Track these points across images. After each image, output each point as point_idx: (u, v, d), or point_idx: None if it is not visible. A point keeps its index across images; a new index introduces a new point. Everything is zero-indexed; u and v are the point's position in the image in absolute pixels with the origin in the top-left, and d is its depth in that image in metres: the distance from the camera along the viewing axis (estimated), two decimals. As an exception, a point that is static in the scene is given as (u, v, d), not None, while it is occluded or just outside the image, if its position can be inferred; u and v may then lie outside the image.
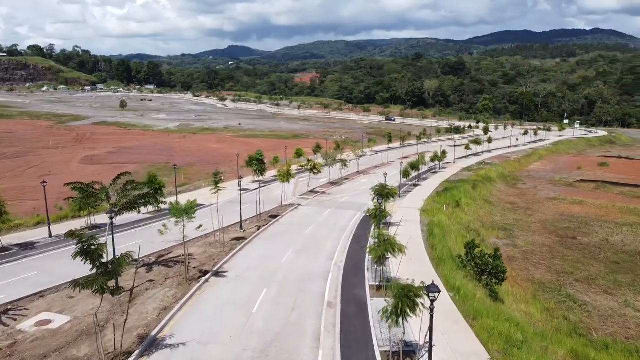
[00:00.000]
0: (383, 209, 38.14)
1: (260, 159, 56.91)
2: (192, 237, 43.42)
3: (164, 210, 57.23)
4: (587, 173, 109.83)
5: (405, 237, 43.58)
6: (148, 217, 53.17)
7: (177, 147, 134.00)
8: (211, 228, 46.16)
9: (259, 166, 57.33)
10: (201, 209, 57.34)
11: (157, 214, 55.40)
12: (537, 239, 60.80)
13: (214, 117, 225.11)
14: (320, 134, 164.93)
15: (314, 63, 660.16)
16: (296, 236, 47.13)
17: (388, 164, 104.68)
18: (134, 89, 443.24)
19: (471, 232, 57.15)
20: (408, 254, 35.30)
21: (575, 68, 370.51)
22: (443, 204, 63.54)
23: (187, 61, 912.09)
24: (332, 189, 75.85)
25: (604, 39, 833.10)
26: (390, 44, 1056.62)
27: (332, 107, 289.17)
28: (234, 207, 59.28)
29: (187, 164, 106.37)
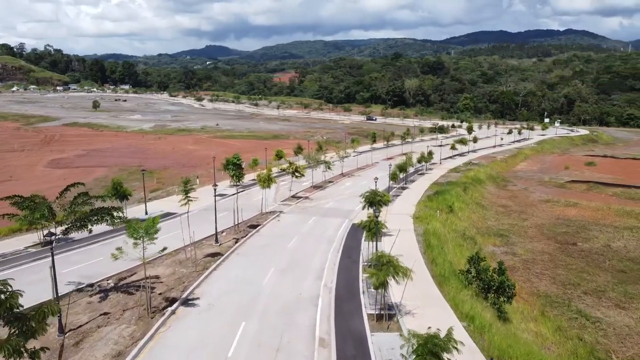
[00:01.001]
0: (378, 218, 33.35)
1: (238, 163, 51.28)
2: (160, 255, 38.12)
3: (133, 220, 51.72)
4: (575, 173, 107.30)
5: (401, 250, 39.14)
6: (111, 228, 47.54)
7: (151, 149, 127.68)
8: (182, 242, 40.79)
9: (236, 171, 51.72)
10: (172, 219, 52.07)
11: (124, 224, 49.73)
12: (536, 245, 56.98)
13: (190, 118, 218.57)
14: (301, 134, 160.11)
15: (293, 63, 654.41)
16: (279, 250, 42.07)
17: (372, 165, 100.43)
18: (108, 89, 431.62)
19: (467, 240, 52.99)
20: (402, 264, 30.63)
21: (552, 67, 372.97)
22: (435, 209, 59.27)
23: (164, 61, 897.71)
24: (316, 193, 71.04)
25: (577, 39, 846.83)
26: (368, 44, 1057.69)
27: (312, 106, 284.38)
28: (209, 216, 53.97)
29: (161, 167, 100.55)
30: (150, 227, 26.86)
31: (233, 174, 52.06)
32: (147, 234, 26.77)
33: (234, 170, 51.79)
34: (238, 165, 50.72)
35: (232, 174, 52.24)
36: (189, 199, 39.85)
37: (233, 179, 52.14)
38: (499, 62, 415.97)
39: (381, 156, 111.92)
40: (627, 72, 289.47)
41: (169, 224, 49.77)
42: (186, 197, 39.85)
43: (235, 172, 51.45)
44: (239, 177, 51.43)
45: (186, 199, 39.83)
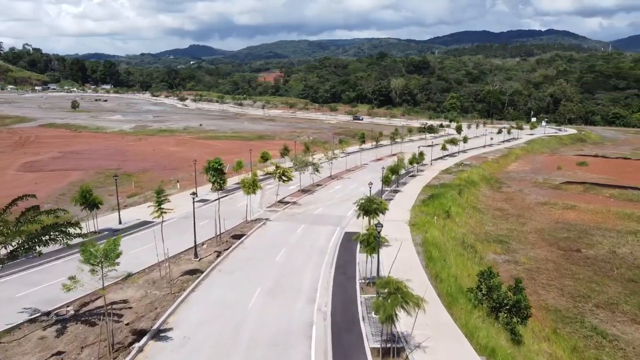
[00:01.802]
0: (380, 234, 29.30)
1: (219, 168, 46.57)
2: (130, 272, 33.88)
3: (103, 231, 47.15)
4: (568, 173, 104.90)
5: (401, 263, 35.39)
6: (80, 241, 43.02)
7: (131, 150, 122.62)
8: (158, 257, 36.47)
9: (217, 177, 47.06)
10: (148, 229, 47.66)
11: (94, 236, 45.21)
12: (539, 252, 53.75)
13: (173, 118, 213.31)
14: (287, 135, 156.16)
15: (278, 62, 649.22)
16: (265, 265, 37.93)
17: (362, 167, 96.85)
18: (89, 89, 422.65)
19: (467, 248, 49.50)
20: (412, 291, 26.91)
21: (536, 67, 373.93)
22: (432, 214, 55.74)
23: (147, 60, 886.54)
24: (304, 197, 67.06)
25: (558, 39, 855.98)
26: (352, 44, 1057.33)
27: (298, 106, 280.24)
28: (189, 225, 49.66)
29: (141, 170, 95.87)
30: (110, 251, 22.64)
31: (214, 180, 47.28)
32: (106, 258, 22.56)
33: (215, 177, 47.01)
34: (219, 170, 45.98)
35: (213, 180, 47.43)
36: (162, 211, 35.32)
37: (215, 185, 47.24)
38: (484, 62, 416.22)
39: (370, 157, 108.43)
40: (610, 72, 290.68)
41: (144, 234, 45.44)
42: (159, 208, 35.28)
43: (217, 178, 46.65)
44: (221, 183, 46.67)
45: (159, 210, 35.27)
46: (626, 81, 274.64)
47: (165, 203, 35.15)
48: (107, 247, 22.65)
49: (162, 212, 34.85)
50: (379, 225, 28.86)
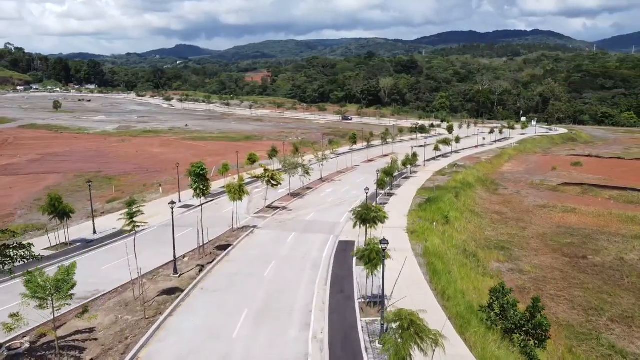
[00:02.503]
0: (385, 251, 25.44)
1: (202, 173, 42.38)
2: (101, 292, 30.10)
3: (75, 242, 43.18)
4: (563, 174, 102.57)
5: (403, 278, 32.06)
6: (49, 254, 39.12)
7: (113, 152, 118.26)
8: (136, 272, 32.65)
9: (199, 183, 43.29)
10: (125, 239, 43.77)
11: (64, 248, 41.27)
12: (543, 260, 50.79)
13: (158, 118, 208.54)
14: (275, 135, 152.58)
15: (265, 62, 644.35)
16: (253, 282, 34.23)
17: (353, 169, 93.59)
18: (72, 89, 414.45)
19: (470, 257, 46.31)
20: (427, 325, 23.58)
21: (523, 67, 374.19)
22: (430, 220, 52.53)
23: (133, 60, 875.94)
24: (294, 202, 63.49)
25: (543, 39, 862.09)
26: (340, 44, 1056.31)
27: (286, 106, 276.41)
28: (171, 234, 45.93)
29: (122, 173, 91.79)
30: (62, 282, 18.91)
31: (196, 187, 42.98)
32: (58, 290, 18.82)
33: (196, 182, 42.78)
34: (202, 176, 41.75)
35: (195, 186, 43.15)
36: (134, 225, 31.31)
37: (196, 193, 42.84)
38: (471, 62, 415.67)
39: (361, 158, 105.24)
40: (598, 71, 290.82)
41: (120, 246, 41.48)
42: (131, 222, 31.24)
43: (199, 184, 42.35)
44: (204, 190, 42.31)
45: (131, 224, 31.23)
46: (613, 81, 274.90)
47: (138, 215, 31.15)
48: (58, 277, 18.93)
49: (135, 226, 30.89)
50: (384, 242, 25.35)
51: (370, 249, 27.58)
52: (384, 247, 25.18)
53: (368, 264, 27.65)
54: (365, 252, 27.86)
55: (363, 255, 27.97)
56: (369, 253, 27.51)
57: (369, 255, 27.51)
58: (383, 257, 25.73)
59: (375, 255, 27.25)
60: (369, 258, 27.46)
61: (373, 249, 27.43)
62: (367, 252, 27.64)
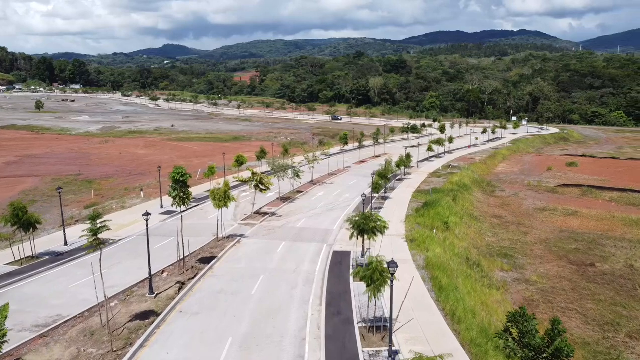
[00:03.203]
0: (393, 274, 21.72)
1: (182, 179, 37.96)
2: (64, 318, 26.32)
3: (43, 255, 39.18)
4: (559, 175, 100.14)
5: (408, 298, 28.65)
6: (11, 270, 35.18)
7: (95, 154, 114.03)
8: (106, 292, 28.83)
9: (179, 191, 37.88)
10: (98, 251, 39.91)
11: (30, 262, 37.29)
12: (549, 268, 47.78)
13: (144, 119, 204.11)
14: (264, 136, 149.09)
15: (254, 62, 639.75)
16: (238, 303, 30.46)
17: (344, 170, 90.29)
18: (57, 89, 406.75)
19: (473, 266, 43.11)
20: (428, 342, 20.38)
21: (511, 66, 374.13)
22: (430, 227, 49.29)
23: (120, 60, 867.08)
24: (284, 207, 59.94)
25: (530, 39, 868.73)
26: (329, 44, 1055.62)
27: (275, 106, 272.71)
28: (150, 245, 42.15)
29: (104, 176, 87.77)
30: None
31: (175, 194, 38.91)
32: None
33: (176, 190, 38.72)
34: (182, 182, 37.47)
35: (174, 194, 39.45)
36: (99, 243, 27.22)
37: (175, 201, 38.73)
38: (460, 61, 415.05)
39: (353, 159, 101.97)
40: (586, 71, 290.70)
41: (93, 259, 37.58)
42: (94, 240, 26.98)
43: (178, 192, 38.07)
44: (184, 198, 38.00)
45: (95, 242, 26.96)
46: (601, 80, 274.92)
47: (104, 231, 27.19)
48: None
49: (99, 244, 26.87)
50: (392, 265, 21.83)
51: (372, 269, 24.03)
52: (392, 270, 21.78)
53: (370, 286, 24.14)
54: (367, 272, 24.26)
55: (364, 276, 24.42)
56: (372, 273, 23.96)
57: (371, 275, 23.97)
58: (392, 283, 22.24)
59: (379, 276, 23.73)
60: (372, 279, 23.97)
61: (376, 269, 23.91)
62: (369, 272, 24.09)
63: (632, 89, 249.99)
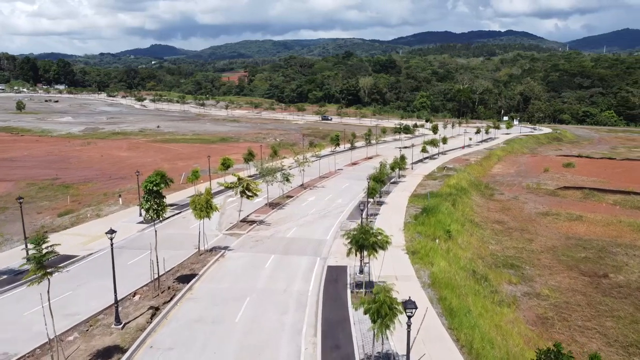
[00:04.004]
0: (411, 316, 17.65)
1: (155, 189, 32.34)
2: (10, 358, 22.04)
3: (2, 273, 34.74)
4: (556, 176, 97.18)
5: (417, 323, 24.75)
6: None
7: (75, 156, 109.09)
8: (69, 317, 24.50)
9: (152, 202, 32.53)
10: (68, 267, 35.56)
11: None
12: (560, 280, 44.24)
13: (129, 119, 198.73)
14: (252, 137, 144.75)
15: (242, 62, 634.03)
16: (220, 335, 26.11)
17: (336, 173, 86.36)
18: (40, 90, 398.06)
19: (481, 281, 39.37)
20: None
21: (500, 66, 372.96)
22: (431, 236, 45.50)
23: (106, 60, 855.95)
24: (273, 214, 55.83)
25: (517, 39, 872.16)
26: (317, 44, 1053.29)
27: (263, 106, 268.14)
28: (125, 260, 37.90)
29: (82, 180, 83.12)
30: None
31: (148, 207, 32.75)
32: None
33: (149, 202, 32.82)
34: (156, 193, 32.69)
35: (147, 206, 32.69)
36: (44, 274, 22.19)
37: (149, 214, 33.00)
38: (449, 61, 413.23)
39: (344, 161, 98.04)
40: (575, 70, 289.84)
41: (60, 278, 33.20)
42: (39, 269, 21.94)
43: (151, 204, 34.33)
44: (158, 210, 33.15)
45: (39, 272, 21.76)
46: (590, 80, 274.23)
47: (49, 258, 22.46)
48: None
49: (45, 274, 21.99)
50: (410, 305, 17.79)
51: (380, 301, 20.03)
52: (409, 313, 17.81)
53: (377, 322, 20.11)
54: (373, 305, 20.22)
55: (369, 309, 20.40)
56: (379, 307, 19.94)
57: (378, 309, 19.99)
58: (408, 330, 18.18)
59: (387, 311, 19.73)
60: (378, 313, 19.98)
61: (384, 302, 19.91)
62: (376, 306, 20.05)
63: (622, 89, 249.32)
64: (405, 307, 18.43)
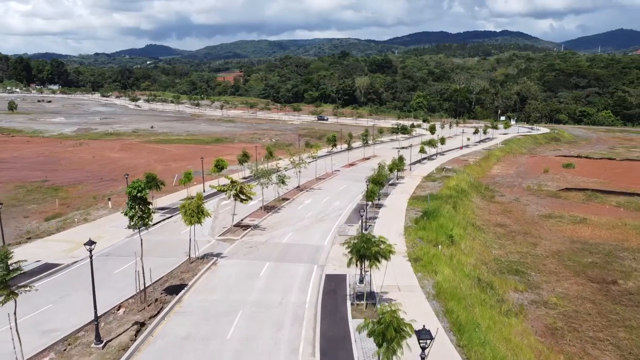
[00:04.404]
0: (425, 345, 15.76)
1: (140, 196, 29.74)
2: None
3: None
4: (557, 177, 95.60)
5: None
6: None
7: (67, 157, 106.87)
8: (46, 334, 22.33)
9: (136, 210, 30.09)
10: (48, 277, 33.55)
11: None
12: (567, 287, 42.43)
13: (122, 120, 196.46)
14: (247, 137, 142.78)
15: (237, 62, 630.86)
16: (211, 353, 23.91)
17: (333, 174, 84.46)
18: (34, 90, 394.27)
19: (487, 289, 37.51)
20: None
21: (496, 66, 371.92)
22: (433, 241, 43.61)
23: (101, 61, 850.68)
24: (268, 218, 53.82)
25: (512, 39, 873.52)
26: (313, 44, 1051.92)
27: (259, 106, 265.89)
28: (112, 268, 35.90)
29: (72, 182, 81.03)
30: None
31: (132, 214, 29.90)
32: None
33: (133, 209, 29.83)
34: (141, 200, 30.23)
35: (132, 214, 29.99)
36: (9, 294, 19.75)
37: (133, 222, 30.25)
38: (445, 61, 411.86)
39: (341, 162, 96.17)
40: (571, 70, 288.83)
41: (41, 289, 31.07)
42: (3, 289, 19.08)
43: (136, 211, 29.97)
44: (145, 218, 30.69)
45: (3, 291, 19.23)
46: (586, 79, 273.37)
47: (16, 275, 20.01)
48: None
49: (9, 294, 19.70)
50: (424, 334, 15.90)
51: (385, 323, 17.99)
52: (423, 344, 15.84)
53: (382, 347, 18.08)
54: (378, 327, 18.18)
55: (374, 331, 18.37)
56: (384, 329, 17.91)
57: (383, 332, 17.95)
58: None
59: (393, 334, 17.72)
60: (384, 336, 17.94)
61: (390, 324, 17.88)
62: (381, 328, 18.04)
63: (618, 89, 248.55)
64: (419, 337, 16.50)
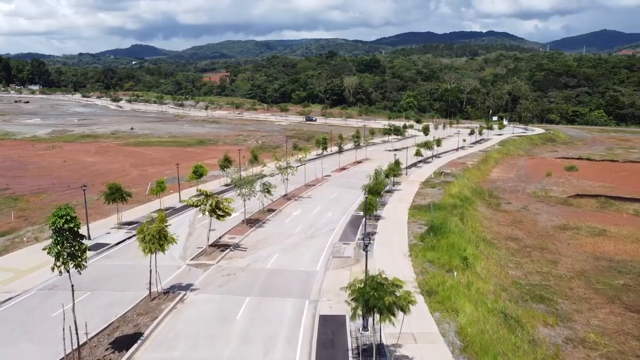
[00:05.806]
0: None
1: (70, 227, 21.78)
2: None
3: None
4: (561, 181, 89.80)
5: None
6: None
7: (35, 162, 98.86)
8: None
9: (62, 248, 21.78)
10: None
11: None
12: (604, 318, 35.94)
13: (102, 121, 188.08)
14: (232, 139, 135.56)
15: (224, 62, 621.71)
16: None
17: (323, 180, 77.52)
18: (13, 90, 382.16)
19: (516, 328, 30.78)
20: None
21: (484, 66, 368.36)
22: (444, 265, 36.83)
23: (86, 61, 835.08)
24: (250, 234, 46.67)
25: (498, 40, 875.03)
26: (300, 44, 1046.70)
27: (245, 106, 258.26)
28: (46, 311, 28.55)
29: (36, 191, 73.43)
30: None
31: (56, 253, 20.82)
32: None
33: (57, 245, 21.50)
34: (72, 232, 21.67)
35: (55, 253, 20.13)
36: None
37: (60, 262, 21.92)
38: (433, 61, 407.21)
39: (332, 166, 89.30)
40: (560, 70, 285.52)
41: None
42: None
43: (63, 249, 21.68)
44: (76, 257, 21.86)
45: None
46: (576, 79, 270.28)
47: None
48: None
49: None
50: None
51: None
52: None
53: None
54: None
55: None
56: None
57: None
58: None
59: None
60: None
61: None
62: None
63: (609, 88, 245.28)
64: None
